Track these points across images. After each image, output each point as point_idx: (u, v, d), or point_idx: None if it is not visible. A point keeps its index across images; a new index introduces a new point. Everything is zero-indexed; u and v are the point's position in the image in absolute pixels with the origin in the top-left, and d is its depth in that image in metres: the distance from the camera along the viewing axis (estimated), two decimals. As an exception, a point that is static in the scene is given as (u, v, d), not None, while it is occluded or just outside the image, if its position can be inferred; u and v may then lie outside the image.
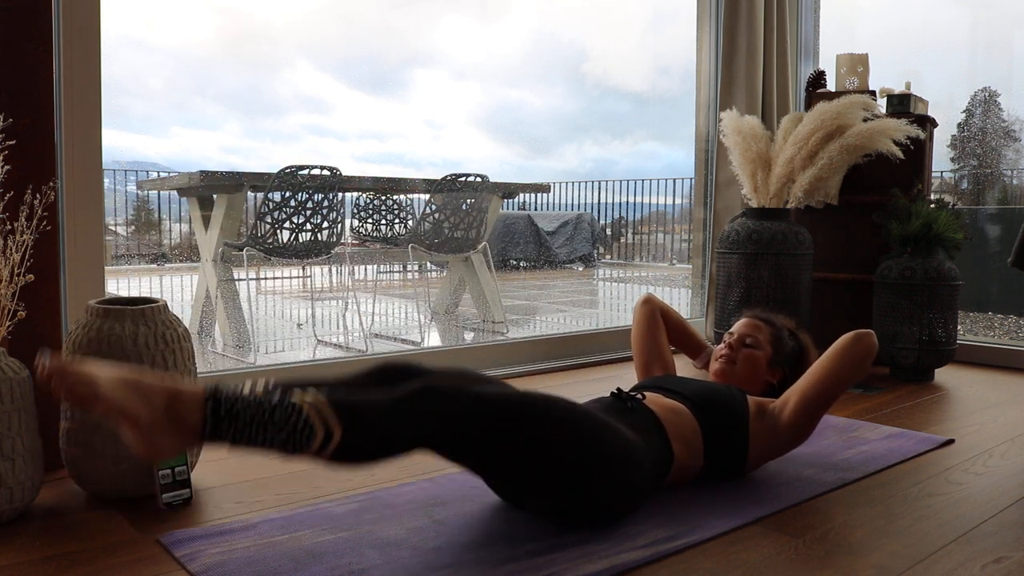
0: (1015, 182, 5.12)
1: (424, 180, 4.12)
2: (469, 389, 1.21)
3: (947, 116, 4.47)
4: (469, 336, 4.26)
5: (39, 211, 1.50)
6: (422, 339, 4.14)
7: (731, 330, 1.89)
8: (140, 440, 1.03)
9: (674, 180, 8.25)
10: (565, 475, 1.29)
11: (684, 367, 2.23)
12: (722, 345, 1.87)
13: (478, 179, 3.80)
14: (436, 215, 3.76)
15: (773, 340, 1.84)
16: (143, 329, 1.47)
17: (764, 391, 1.82)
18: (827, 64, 3.54)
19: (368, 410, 1.11)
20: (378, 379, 1.36)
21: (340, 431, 1.07)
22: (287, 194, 3.22)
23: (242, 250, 3.24)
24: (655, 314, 1.99)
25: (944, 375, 2.86)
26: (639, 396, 1.56)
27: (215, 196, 3.57)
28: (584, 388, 2.49)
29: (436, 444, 1.19)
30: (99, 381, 1.02)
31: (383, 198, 4.15)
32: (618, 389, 1.58)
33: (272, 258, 3.28)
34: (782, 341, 1.85)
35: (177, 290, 5.34)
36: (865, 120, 2.90)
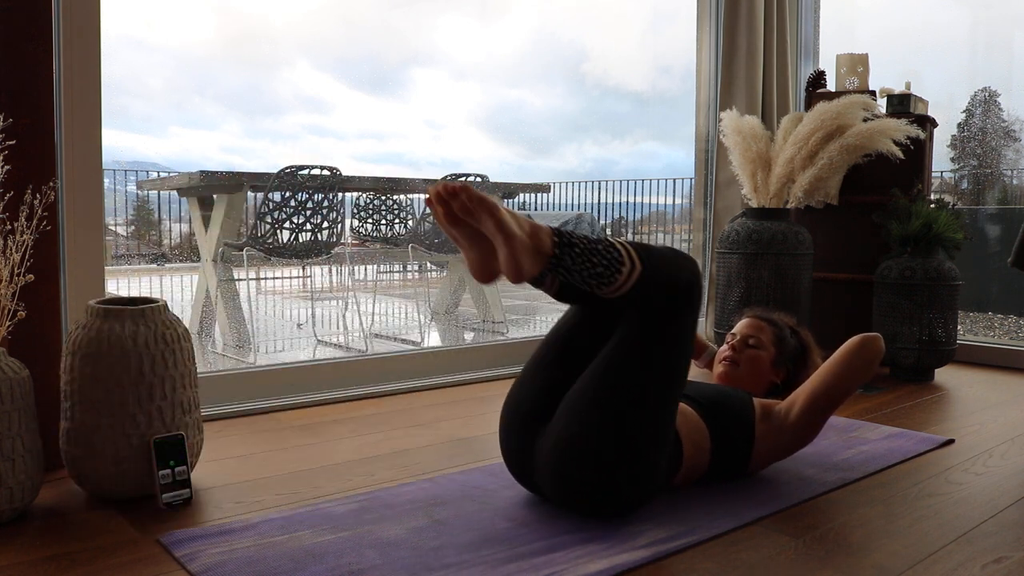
0: (1015, 182, 5.12)
1: (424, 180, 4.12)
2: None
3: (947, 116, 4.47)
4: (469, 336, 4.26)
5: (39, 211, 1.50)
6: (422, 339, 4.14)
7: (733, 331, 1.89)
8: (513, 257, 1.24)
9: (674, 180, 8.25)
10: (624, 427, 1.35)
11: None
12: (725, 347, 1.87)
13: (478, 179, 3.80)
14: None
15: (776, 340, 1.84)
16: (143, 329, 1.47)
17: (768, 391, 1.82)
18: (827, 64, 3.55)
19: (654, 251, 1.38)
20: None
21: (640, 266, 1.32)
22: (287, 194, 3.22)
23: (242, 250, 3.24)
24: None
25: (944, 375, 2.86)
26: None
27: (215, 196, 3.57)
28: (584, 388, 2.48)
29: (670, 300, 1.39)
30: (493, 205, 1.24)
31: (383, 198, 4.15)
32: None
33: (272, 258, 3.28)
34: (784, 340, 1.85)
35: (177, 290, 5.34)
36: (865, 120, 2.90)
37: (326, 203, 3.30)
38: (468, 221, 1.26)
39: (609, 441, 1.34)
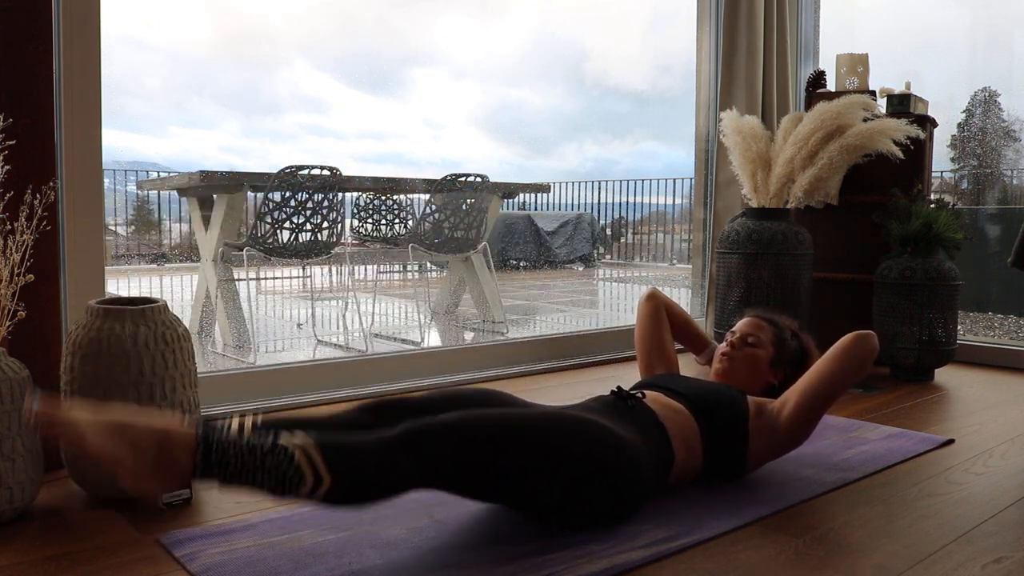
0: (1015, 182, 5.12)
1: (424, 180, 4.12)
2: (454, 422, 1.21)
3: (947, 116, 4.47)
4: (469, 336, 4.26)
5: (39, 211, 1.50)
6: (422, 339, 4.14)
7: (733, 329, 1.89)
8: (129, 482, 1.03)
9: (674, 180, 8.25)
10: (567, 487, 1.29)
11: (686, 365, 2.23)
12: (724, 344, 1.87)
13: (478, 179, 3.80)
14: (436, 215, 3.76)
15: (775, 340, 1.84)
16: (143, 329, 1.47)
17: (765, 391, 1.81)
18: (827, 64, 3.55)
19: (357, 454, 1.12)
20: (369, 418, 1.37)
21: (330, 478, 1.07)
22: (287, 194, 3.22)
23: (242, 250, 3.24)
24: (659, 310, 1.99)
25: (944, 375, 2.86)
26: (639, 395, 1.56)
27: (215, 196, 3.57)
28: (584, 388, 2.49)
29: (429, 483, 1.20)
30: (85, 428, 1.02)
31: (383, 198, 4.15)
32: (618, 388, 1.58)
33: (272, 258, 3.28)
34: (784, 342, 1.84)
35: (177, 290, 5.34)
36: (865, 120, 2.90)
37: (326, 203, 3.30)
38: (77, 447, 1.04)
39: (576, 505, 1.31)
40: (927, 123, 3.07)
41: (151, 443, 1.03)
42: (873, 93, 3.15)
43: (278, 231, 3.21)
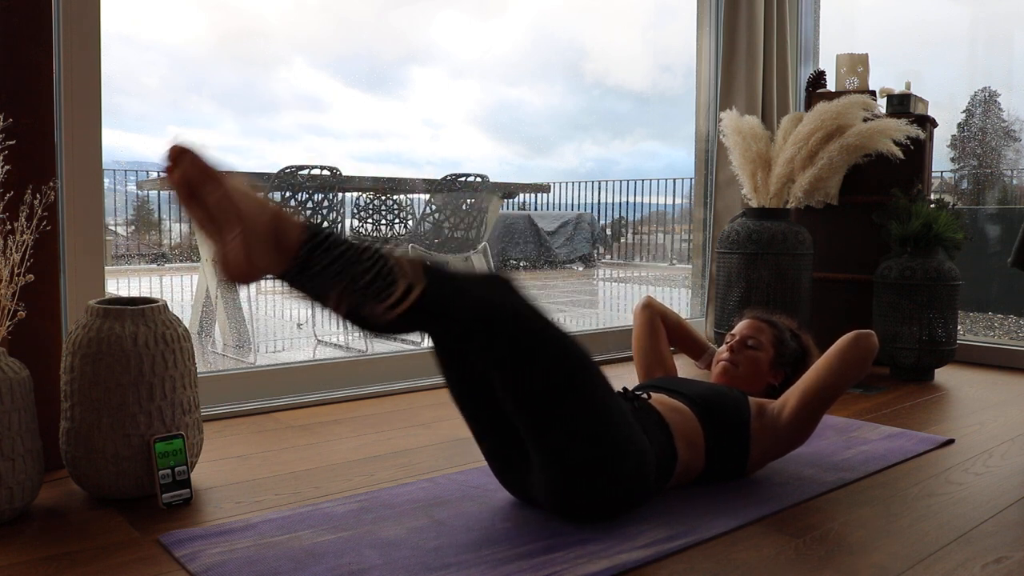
0: (1015, 182, 5.11)
1: (424, 180, 4.11)
2: (547, 326, 1.25)
3: (947, 116, 4.47)
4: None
5: (39, 211, 1.50)
6: (422, 339, 4.13)
7: (733, 331, 1.88)
8: (242, 246, 0.99)
9: (674, 180, 8.25)
10: (579, 442, 1.30)
11: (686, 368, 2.23)
12: (724, 347, 1.87)
13: (478, 179, 3.80)
14: (436, 215, 3.76)
15: (775, 342, 1.84)
16: (143, 329, 1.47)
17: (765, 393, 1.81)
18: (827, 64, 3.55)
19: (450, 274, 1.14)
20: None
21: (423, 285, 1.08)
22: (287, 194, 3.21)
23: (242, 250, 3.24)
24: (655, 319, 1.99)
25: (944, 375, 2.86)
26: (644, 396, 1.56)
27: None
28: (584, 388, 2.48)
29: (491, 335, 1.19)
30: (219, 173, 1.02)
31: (383, 198, 4.14)
32: (624, 388, 1.59)
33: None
34: (784, 343, 1.84)
35: (177, 290, 5.33)
36: (865, 120, 2.90)
37: (326, 203, 3.29)
38: (198, 195, 1.01)
39: (578, 459, 1.32)
40: (927, 123, 3.07)
41: (272, 211, 1.04)
42: (873, 93, 3.15)
43: (278, 231, 3.21)
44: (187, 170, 1.00)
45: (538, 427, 1.31)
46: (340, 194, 3.38)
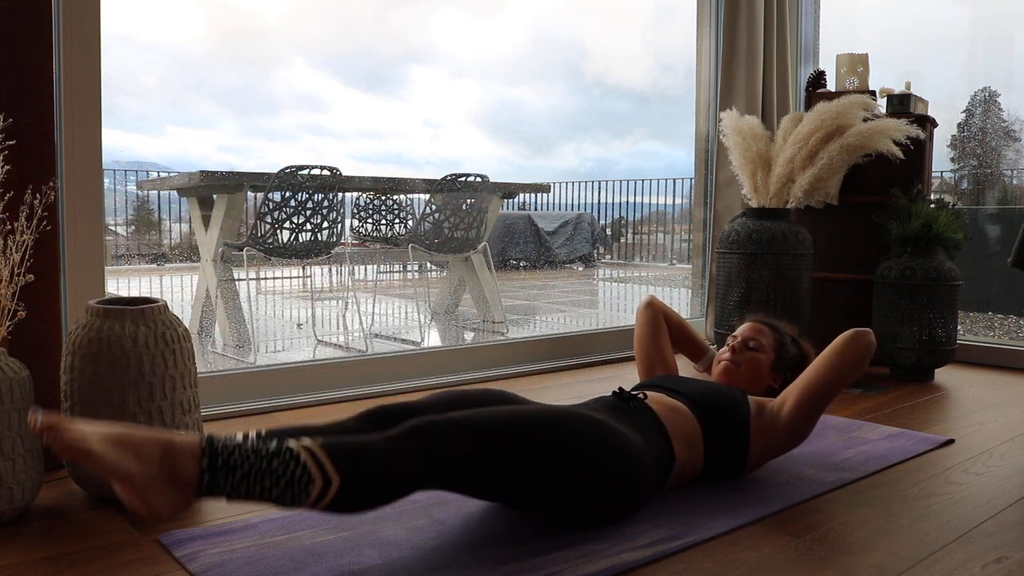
0: (1015, 182, 5.12)
1: (424, 180, 4.12)
2: (461, 419, 1.20)
3: (947, 116, 4.47)
4: (469, 336, 4.26)
5: (39, 211, 1.50)
6: (422, 339, 4.14)
7: (735, 333, 1.89)
8: (136, 499, 0.99)
9: (674, 180, 8.25)
10: (569, 486, 1.29)
11: (686, 368, 2.23)
12: (725, 348, 1.87)
13: (478, 179, 3.80)
14: (436, 215, 3.76)
15: (776, 345, 1.84)
16: (143, 329, 1.47)
17: (765, 395, 1.81)
18: (827, 64, 3.55)
19: (364, 452, 1.10)
20: (370, 423, 1.36)
21: (339, 478, 1.05)
22: (287, 194, 3.22)
23: (242, 250, 3.24)
24: (658, 318, 1.99)
25: (944, 375, 2.86)
26: (641, 396, 1.56)
27: (215, 196, 3.57)
28: (584, 388, 2.49)
29: (436, 481, 1.18)
30: (90, 439, 0.99)
31: (383, 198, 4.15)
32: (620, 388, 1.58)
33: (272, 258, 3.28)
34: (785, 346, 1.85)
35: (177, 290, 5.34)
36: (865, 120, 2.90)
37: (326, 203, 3.30)
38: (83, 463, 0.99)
39: (579, 505, 1.31)
40: (927, 123, 3.07)
41: (156, 452, 1.00)
42: (873, 93, 3.15)
43: (278, 231, 3.21)
44: (61, 447, 0.99)
45: (530, 503, 1.31)
46: (340, 194, 3.38)
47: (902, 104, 3.05)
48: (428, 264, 5.18)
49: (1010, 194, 5.10)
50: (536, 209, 8.58)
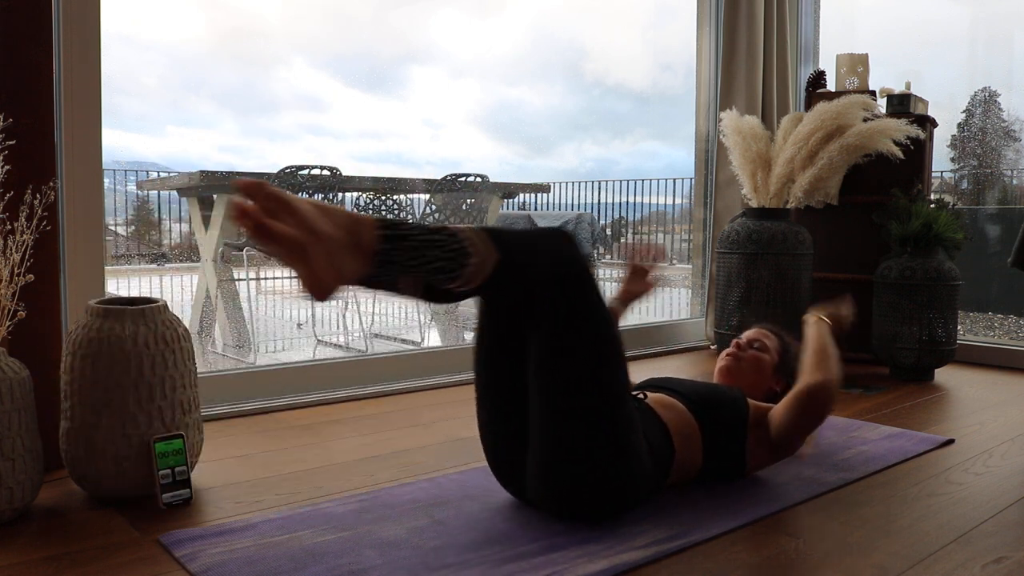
0: (1015, 182, 5.11)
1: (424, 180, 4.12)
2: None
3: (947, 116, 4.47)
4: (469, 336, 4.26)
5: (39, 211, 1.50)
6: (422, 339, 4.14)
7: (741, 335, 1.90)
8: (323, 261, 1.05)
9: (674, 180, 8.24)
10: (586, 423, 1.30)
11: (687, 370, 2.23)
12: (731, 346, 1.87)
13: (478, 179, 3.80)
14: (436, 215, 3.76)
15: (780, 349, 1.85)
16: (143, 329, 1.47)
17: (767, 397, 1.81)
18: (827, 64, 3.55)
19: (518, 241, 1.22)
20: None
21: (497, 254, 1.16)
22: (287, 194, 3.21)
23: (242, 250, 3.24)
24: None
25: (944, 375, 2.86)
26: (641, 396, 1.56)
27: (215, 196, 3.57)
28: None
29: (554, 300, 1.26)
30: (293, 198, 1.06)
31: (383, 198, 4.14)
32: None
33: (272, 258, 3.28)
34: (789, 352, 1.85)
35: (177, 290, 5.33)
36: (865, 120, 2.90)
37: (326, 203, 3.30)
38: (275, 227, 1.04)
39: (579, 441, 1.32)
40: (927, 123, 3.07)
41: (344, 219, 1.08)
42: (873, 93, 3.15)
43: (278, 231, 3.21)
44: (263, 203, 1.04)
45: (555, 394, 1.32)
46: (340, 194, 3.38)
47: (902, 104, 3.05)
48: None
49: (1010, 194, 5.09)
50: (536, 209, 8.58)
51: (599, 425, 1.32)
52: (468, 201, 3.83)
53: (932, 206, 2.81)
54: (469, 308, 4.60)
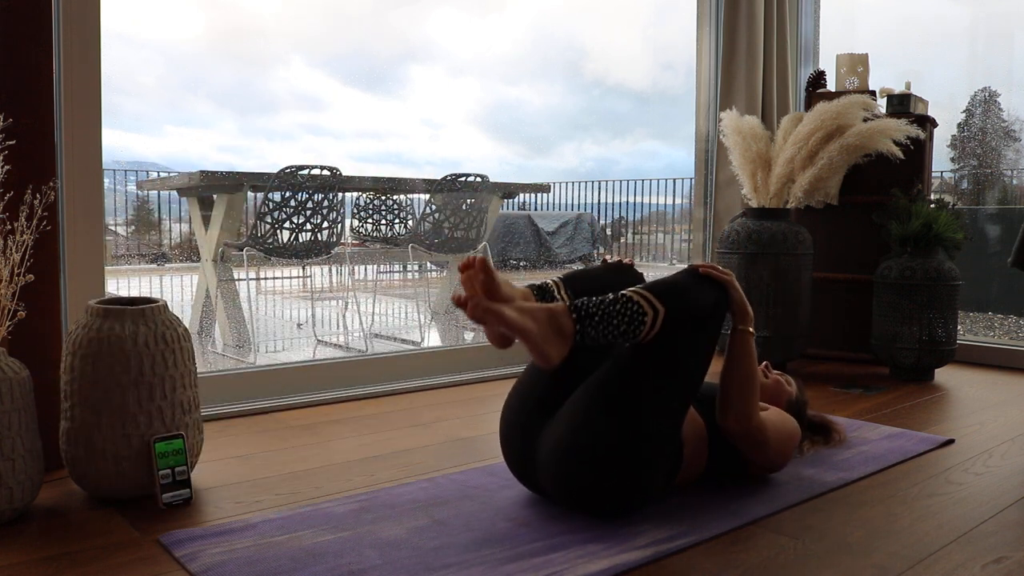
0: (1015, 182, 5.11)
1: (424, 180, 4.12)
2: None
3: (947, 116, 4.47)
4: (469, 336, 4.26)
5: (39, 211, 1.50)
6: (422, 339, 4.14)
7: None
8: (537, 349, 1.30)
9: (674, 180, 8.25)
10: (631, 419, 1.37)
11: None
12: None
13: (478, 179, 3.80)
14: (436, 215, 3.76)
15: (799, 392, 1.83)
16: (143, 329, 1.47)
17: None
18: (827, 64, 3.55)
19: (672, 287, 1.43)
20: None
21: (664, 308, 1.37)
22: (287, 194, 3.22)
23: (242, 250, 3.24)
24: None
25: (944, 375, 2.86)
26: None
27: (215, 196, 3.57)
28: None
29: (700, 320, 1.43)
30: (505, 311, 1.30)
31: (383, 198, 4.15)
32: None
33: (272, 258, 3.28)
34: (801, 403, 1.83)
35: (177, 290, 5.34)
36: (865, 120, 2.90)
37: (326, 203, 3.30)
38: (491, 333, 1.36)
39: (620, 444, 1.35)
40: (927, 123, 3.07)
41: (543, 314, 1.33)
42: (873, 93, 3.15)
43: (278, 231, 3.21)
44: (483, 315, 1.32)
45: (621, 399, 1.38)
46: (340, 194, 3.38)
47: (902, 104, 3.05)
48: (428, 264, 5.18)
49: (1010, 194, 5.09)
50: (536, 209, 8.58)
51: (643, 440, 1.37)
52: (468, 201, 3.83)
53: (932, 206, 2.81)
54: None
